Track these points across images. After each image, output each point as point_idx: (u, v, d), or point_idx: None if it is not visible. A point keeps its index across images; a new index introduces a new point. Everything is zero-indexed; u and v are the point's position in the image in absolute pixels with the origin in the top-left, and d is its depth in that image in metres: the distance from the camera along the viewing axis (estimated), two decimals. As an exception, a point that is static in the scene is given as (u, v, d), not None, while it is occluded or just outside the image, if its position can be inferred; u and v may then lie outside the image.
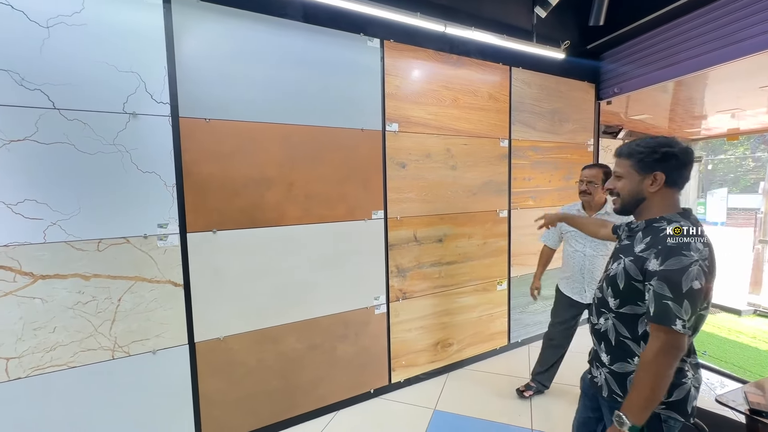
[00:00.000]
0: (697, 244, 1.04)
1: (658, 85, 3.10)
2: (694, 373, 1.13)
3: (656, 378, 1.02)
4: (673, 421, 1.11)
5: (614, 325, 1.20)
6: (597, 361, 1.28)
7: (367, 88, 2.36)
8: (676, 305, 1.00)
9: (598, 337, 1.27)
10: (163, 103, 1.81)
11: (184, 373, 1.93)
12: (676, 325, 0.99)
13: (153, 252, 1.82)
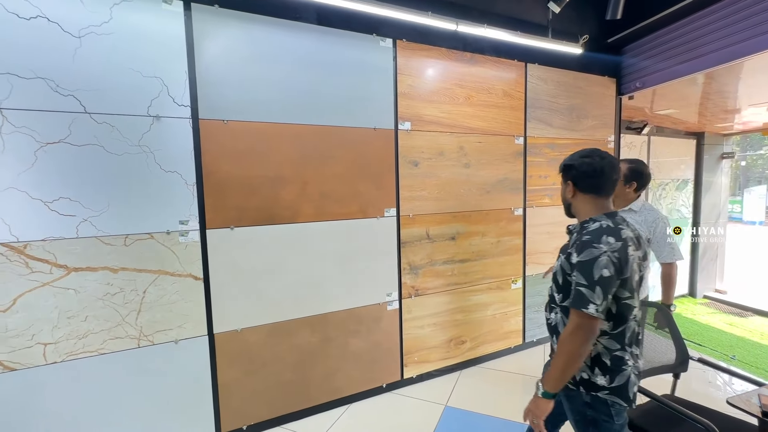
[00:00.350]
0: (609, 239, 1.18)
1: (685, 78, 2.99)
2: (634, 362, 1.24)
3: (569, 355, 1.17)
4: (618, 406, 1.22)
5: (561, 318, 1.31)
6: (552, 352, 1.43)
7: (380, 87, 2.40)
8: (589, 291, 1.14)
9: (550, 330, 1.38)
10: (184, 106, 1.91)
11: (204, 363, 2.03)
12: (589, 308, 1.13)
13: (175, 247, 1.93)
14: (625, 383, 1.22)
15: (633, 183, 2.08)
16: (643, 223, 2.06)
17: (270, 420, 2.22)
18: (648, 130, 4.78)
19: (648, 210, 2.08)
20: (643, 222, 2.07)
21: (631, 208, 2.12)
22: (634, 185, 2.08)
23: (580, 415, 1.29)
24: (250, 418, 2.16)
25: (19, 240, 1.64)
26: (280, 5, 2.06)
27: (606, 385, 1.22)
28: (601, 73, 3.32)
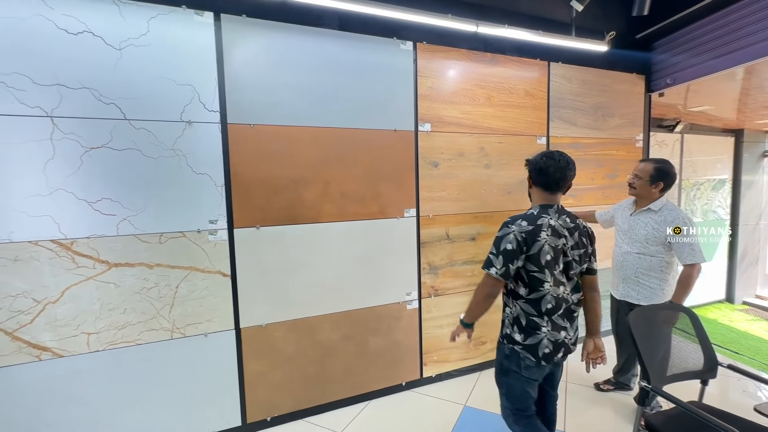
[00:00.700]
0: (522, 222, 1.50)
1: (721, 73, 2.86)
2: (550, 329, 1.52)
3: (476, 299, 1.57)
4: (528, 360, 1.54)
5: None
6: None
7: (400, 89, 2.43)
8: (494, 258, 1.50)
9: None
10: (213, 112, 2.01)
11: (231, 356, 2.13)
12: (491, 270, 1.50)
13: (205, 245, 2.04)
14: (537, 344, 1.52)
15: (659, 183, 2.08)
16: (663, 222, 2.04)
17: (293, 413, 2.30)
18: (681, 127, 4.58)
19: (669, 210, 2.07)
20: (662, 222, 2.05)
21: (650, 207, 2.11)
22: (661, 185, 2.08)
23: (500, 363, 1.66)
24: (274, 409, 2.25)
25: (66, 237, 1.79)
26: (303, 13, 2.14)
27: (521, 342, 1.54)
28: (628, 70, 3.23)
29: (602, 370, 2.73)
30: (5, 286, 1.71)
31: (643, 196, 2.14)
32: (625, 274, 2.22)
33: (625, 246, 2.23)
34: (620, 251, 2.26)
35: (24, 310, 1.75)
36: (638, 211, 2.18)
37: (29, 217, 1.73)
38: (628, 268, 2.20)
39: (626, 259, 2.21)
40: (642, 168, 2.14)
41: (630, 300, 2.21)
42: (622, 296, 2.26)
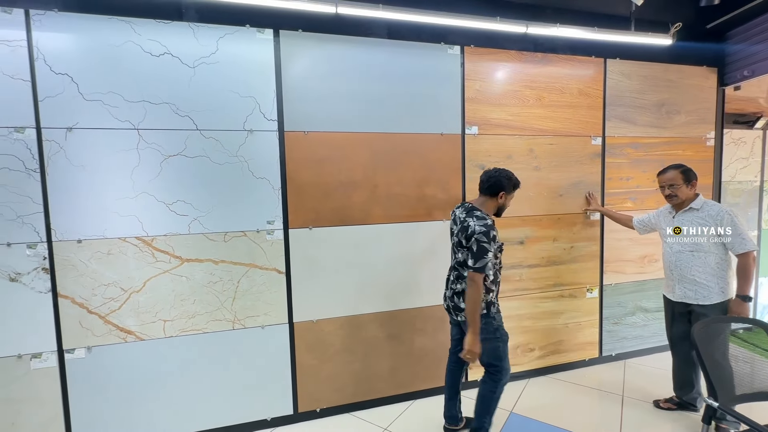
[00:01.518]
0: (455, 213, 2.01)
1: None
2: (448, 289, 2.03)
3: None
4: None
5: None
6: None
7: (447, 94, 2.46)
8: None
9: None
10: (272, 120, 2.17)
11: (285, 348, 2.28)
12: None
13: (263, 244, 2.20)
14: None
15: (693, 182, 2.15)
16: (708, 218, 2.08)
17: (340, 406, 2.40)
18: (763, 123, 4.13)
19: (710, 206, 2.12)
20: (707, 218, 2.08)
21: (691, 207, 2.16)
22: (695, 183, 2.15)
23: None
24: (322, 402, 2.37)
25: (148, 235, 2.03)
26: (354, 24, 2.24)
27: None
28: (697, 63, 2.99)
29: (664, 386, 2.56)
30: (100, 276, 1.98)
31: (684, 199, 2.18)
32: (681, 274, 2.19)
33: (676, 246, 2.21)
34: (672, 251, 2.24)
35: (114, 297, 2.01)
36: (680, 212, 2.21)
37: (119, 216, 1.99)
38: (683, 267, 2.17)
39: (680, 258, 2.19)
40: (672, 176, 2.18)
41: (688, 300, 2.18)
42: (679, 297, 2.22)
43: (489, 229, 1.78)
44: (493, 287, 1.94)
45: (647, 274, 3.02)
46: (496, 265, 1.96)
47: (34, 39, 1.84)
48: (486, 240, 1.77)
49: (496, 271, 1.96)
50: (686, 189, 2.15)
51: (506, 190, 1.94)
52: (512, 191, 1.99)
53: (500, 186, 1.92)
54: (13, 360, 1.90)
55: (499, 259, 1.98)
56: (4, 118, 1.82)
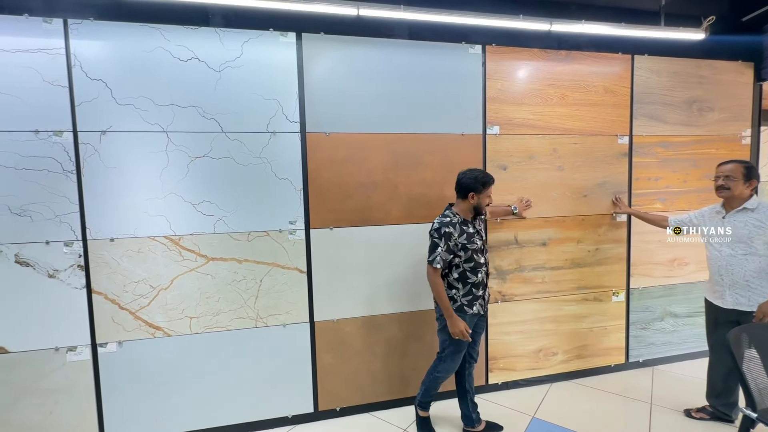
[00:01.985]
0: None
1: None
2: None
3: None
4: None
5: None
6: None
7: (468, 93, 2.44)
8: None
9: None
10: (294, 122, 2.21)
11: (306, 346, 2.31)
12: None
13: (285, 244, 2.24)
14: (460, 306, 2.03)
15: (753, 181, 2.03)
16: (765, 219, 1.98)
17: (360, 405, 2.41)
18: (803, 120, 3.91)
19: (765, 207, 2.02)
20: (764, 218, 1.98)
21: (745, 206, 2.03)
22: (754, 183, 2.03)
23: None
24: (343, 401, 2.39)
25: (176, 234, 2.10)
26: (375, 26, 2.25)
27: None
28: (732, 57, 2.86)
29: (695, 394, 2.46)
30: (131, 273, 2.06)
31: (736, 196, 2.05)
32: (733, 279, 2.05)
33: (726, 249, 2.08)
34: (722, 255, 2.10)
35: (143, 294, 2.08)
36: (732, 212, 2.08)
37: (149, 216, 2.06)
38: (736, 272, 2.04)
39: (731, 263, 2.06)
40: (732, 168, 2.06)
41: (741, 307, 2.04)
42: (731, 305, 2.07)
43: (441, 226, 1.93)
44: (457, 285, 2.00)
45: (677, 278, 2.91)
46: (461, 264, 1.98)
47: (72, 47, 1.93)
48: (437, 236, 1.93)
49: (465, 271, 1.99)
50: (742, 186, 2.01)
51: (476, 191, 1.97)
52: (483, 190, 1.98)
53: (467, 188, 1.97)
54: (50, 352, 1.99)
55: (465, 258, 1.97)
56: (44, 122, 1.92)
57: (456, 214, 2.00)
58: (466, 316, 2.01)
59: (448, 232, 1.92)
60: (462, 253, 1.97)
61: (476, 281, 2.01)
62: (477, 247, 2.00)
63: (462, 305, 2.01)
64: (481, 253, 2.03)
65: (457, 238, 1.94)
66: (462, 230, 1.97)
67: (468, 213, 2.03)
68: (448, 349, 2.06)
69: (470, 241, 1.97)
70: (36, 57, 1.90)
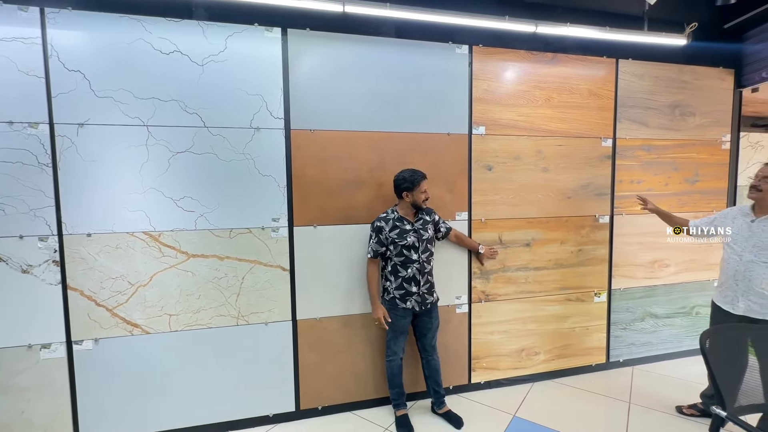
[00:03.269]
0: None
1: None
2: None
3: None
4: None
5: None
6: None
7: (454, 93, 2.45)
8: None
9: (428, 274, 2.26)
10: (278, 119, 2.19)
11: (288, 345, 2.29)
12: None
13: (268, 241, 2.22)
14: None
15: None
16: None
17: (342, 404, 2.40)
18: (782, 126, 4.01)
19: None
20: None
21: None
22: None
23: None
24: (325, 399, 2.37)
25: (155, 230, 2.06)
26: (362, 23, 2.24)
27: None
28: (713, 64, 2.92)
29: (674, 394, 2.52)
30: (108, 269, 2.02)
31: (765, 200, 1.97)
32: (748, 286, 1.98)
33: (747, 255, 2.00)
34: (741, 261, 2.01)
35: (121, 291, 2.04)
36: (763, 217, 1.99)
37: (128, 211, 2.02)
38: (754, 279, 1.96)
39: (750, 269, 1.98)
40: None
41: (754, 315, 1.97)
42: (743, 311, 2.00)
43: (375, 221, 2.18)
44: (390, 277, 2.19)
45: (658, 279, 2.96)
46: (393, 257, 2.16)
47: (49, 36, 1.88)
48: (371, 229, 2.19)
49: (396, 264, 2.16)
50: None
51: (408, 189, 2.13)
52: (415, 187, 2.12)
53: (398, 187, 2.15)
54: (23, 350, 1.94)
55: (395, 252, 2.14)
56: (19, 113, 1.87)
57: (395, 212, 2.20)
58: (398, 309, 2.18)
59: (379, 226, 2.15)
60: (392, 247, 2.14)
61: (406, 276, 2.16)
62: (407, 243, 2.14)
63: (394, 298, 2.19)
64: (413, 249, 2.15)
65: (388, 232, 2.14)
66: (395, 226, 2.15)
67: (409, 211, 2.20)
68: (388, 335, 2.24)
69: (401, 237, 2.14)
70: (11, 46, 1.84)
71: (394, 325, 2.20)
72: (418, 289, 2.17)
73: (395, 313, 2.18)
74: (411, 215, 2.20)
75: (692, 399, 2.38)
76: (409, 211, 2.19)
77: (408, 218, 2.18)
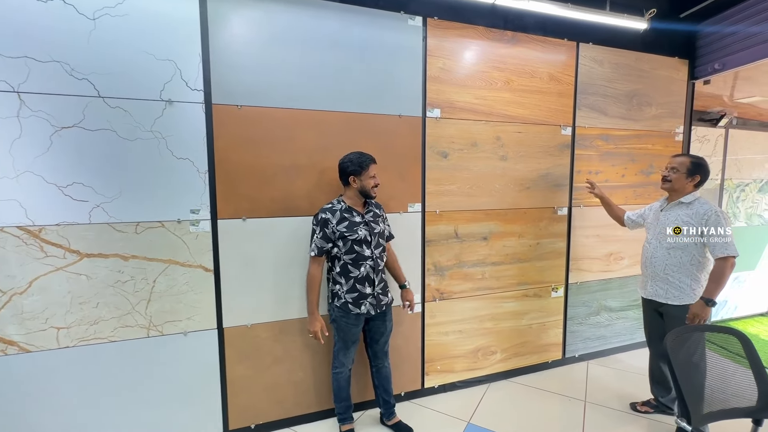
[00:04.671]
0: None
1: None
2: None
3: None
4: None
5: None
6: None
7: (407, 71, 2.19)
8: None
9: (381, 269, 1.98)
10: (197, 90, 1.83)
11: (213, 357, 1.97)
12: None
13: (185, 237, 1.87)
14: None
15: (696, 177, 2.00)
16: (694, 216, 1.95)
17: (280, 420, 2.13)
18: (726, 121, 4.14)
19: (700, 203, 1.99)
20: (693, 215, 1.96)
21: (681, 201, 2.03)
22: (697, 179, 2.00)
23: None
24: (259, 416, 2.08)
25: (34, 224, 1.65)
26: (299, -18, 1.92)
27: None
28: (670, 53, 2.87)
29: (626, 387, 2.46)
30: (-34, 274, 1.59)
31: (677, 189, 2.04)
32: (654, 271, 2.08)
33: (654, 242, 2.11)
34: (649, 247, 2.13)
35: (-11, 300, 1.63)
36: (669, 205, 2.08)
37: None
38: (657, 265, 2.06)
39: (655, 255, 2.08)
40: (680, 161, 2.04)
41: (658, 299, 2.08)
42: (649, 295, 2.12)
43: (319, 212, 1.86)
44: (340, 279, 1.88)
45: (613, 272, 2.91)
46: (342, 256, 1.86)
47: None
48: (314, 223, 1.87)
49: (346, 264, 1.86)
50: (684, 180, 1.99)
51: (355, 173, 1.85)
52: (363, 170, 1.86)
53: (344, 171, 1.87)
54: None
55: (345, 249, 1.85)
56: None
57: (341, 202, 1.90)
58: (350, 317, 1.89)
59: (324, 218, 1.84)
60: (341, 243, 1.84)
61: (359, 275, 1.87)
62: (359, 238, 1.85)
63: (346, 302, 1.88)
64: (366, 244, 1.88)
65: (335, 225, 1.83)
66: (343, 218, 1.86)
67: (357, 201, 1.92)
68: (336, 345, 1.98)
69: (351, 230, 1.84)
70: None
71: (345, 335, 1.92)
72: (373, 290, 1.90)
73: (347, 321, 1.89)
74: (360, 206, 1.92)
75: (645, 393, 2.33)
76: (358, 201, 1.91)
77: (357, 209, 1.90)
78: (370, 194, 1.91)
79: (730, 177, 3.93)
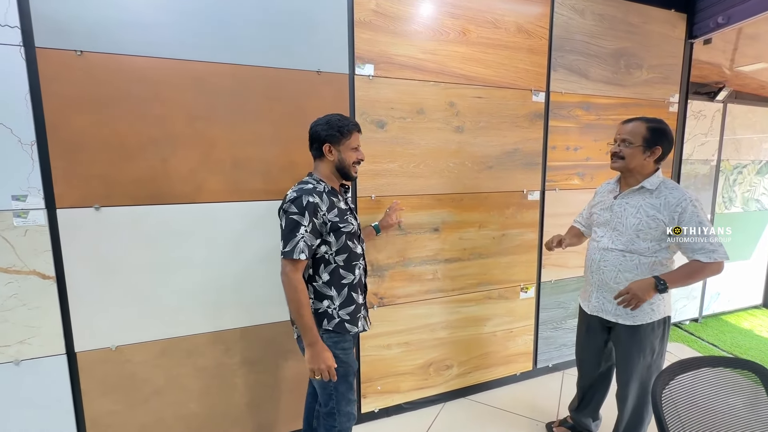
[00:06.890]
0: None
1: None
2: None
3: None
4: None
5: None
6: None
7: (327, 12, 1.67)
8: None
9: None
10: (13, 27, 1.30)
11: (62, 391, 1.49)
12: None
13: (8, 233, 1.36)
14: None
15: (656, 148, 1.45)
16: (663, 207, 1.42)
17: (166, 464, 1.67)
18: (725, 95, 3.67)
19: (669, 189, 1.45)
20: (662, 206, 1.43)
21: (643, 185, 1.48)
22: (657, 152, 1.45)
23: None
24: (136, 462, 1.62)
25: None
26: None
27: None
28: (666, 5, 2.38)
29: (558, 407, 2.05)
30: None
31: (633, 168, 1.49)
32: (602, 279, 1.57)
33: (605, 240, 1.58)
34: (597, 247, 1.61)
35: None
36: (626, 192, 1.54)
37: None
38: (607, 271, 1.55)
39: (605, 258, 1.56)
40: (631, 130, 1.47)
41: (605, 316, 1.58)
42: (594, 310, 1.62)
43: (302, 195, 1.25)
44: (330, 292, 1.35)
45: (593, 268, 2.47)
46: (332, 257, 1.34)
47: None
48: (295, 211, 1.24)
49: (338, 267, 1.35)
50: (641, 155, 1.45)
51: (331, 140, 1.33)
52: (343, 137, 1.34)
53: (318, 138, 1.34)
54: None
55: (337, 246, 1.33)
56: None
57: (321, 181, 1.34)
58: (346, 341, 1.38)
59: (313, 203, 1.25)
60: (332, 237, 1.32)
61: (353, 281, 1.39)
62: (353, 230, 1.37)
63: (342, 322, 1.36)
64: (357, 240, 1.42)
65: (326, 213, 1.29)
66: (332, 203, 1.32)
67: (333, 179, 1.39)
68: (336, 395, 1.37)
69: (343, 220, 1.34)
70: None
71: (348, 369, 1.39)
72: (364, 299, 1.48)
73: (343, 347, 1.37)
74: (337, 186, 1.42)
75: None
76: (334, 181, 1.39)
77: (337, 191, 1.40)
78: (350, 173, 1.39)
79: (727, 158, 3.50)
